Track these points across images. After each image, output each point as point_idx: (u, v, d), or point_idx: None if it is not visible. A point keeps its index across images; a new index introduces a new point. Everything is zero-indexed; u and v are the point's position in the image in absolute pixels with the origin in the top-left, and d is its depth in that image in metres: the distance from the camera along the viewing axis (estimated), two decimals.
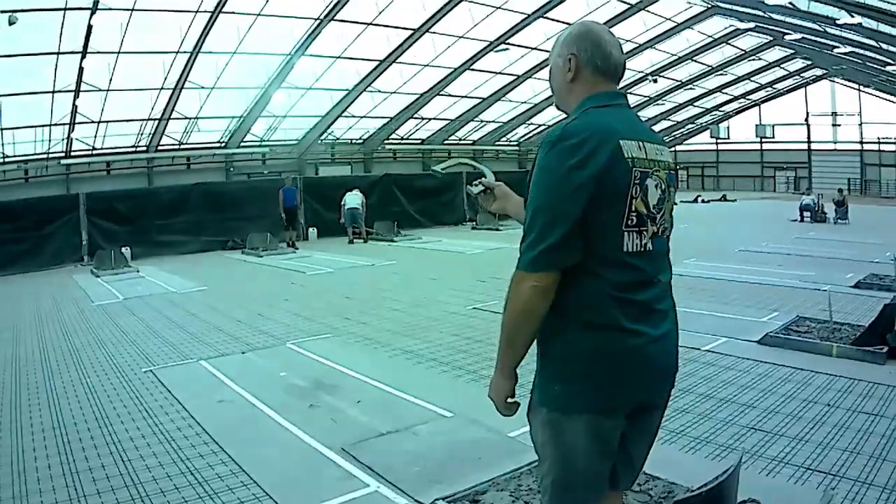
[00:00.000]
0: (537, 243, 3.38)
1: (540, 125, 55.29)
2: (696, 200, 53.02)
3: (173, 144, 38.53)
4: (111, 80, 30.42)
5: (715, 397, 9.15)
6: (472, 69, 41.13)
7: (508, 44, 39.42)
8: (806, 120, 63.49)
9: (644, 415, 3.73)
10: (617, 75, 3.79)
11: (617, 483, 3.88)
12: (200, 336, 14.33)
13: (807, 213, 36.13)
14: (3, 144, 32.05)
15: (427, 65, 39.38)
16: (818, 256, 21.89)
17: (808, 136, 64.07)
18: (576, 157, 3.36)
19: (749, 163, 68.85)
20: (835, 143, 62.92)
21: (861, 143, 60.91)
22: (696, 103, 61.20)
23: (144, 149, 37.39)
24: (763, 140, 66.45)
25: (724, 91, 59.61)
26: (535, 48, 40.96)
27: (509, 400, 3.70)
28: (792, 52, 50.71)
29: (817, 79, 60.35)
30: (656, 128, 60.60)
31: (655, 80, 50.28)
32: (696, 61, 50.02)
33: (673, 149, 69.94)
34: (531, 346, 3.62)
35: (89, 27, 25.98)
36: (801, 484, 6.58)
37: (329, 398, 9.79)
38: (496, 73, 43.11)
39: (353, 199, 33.44)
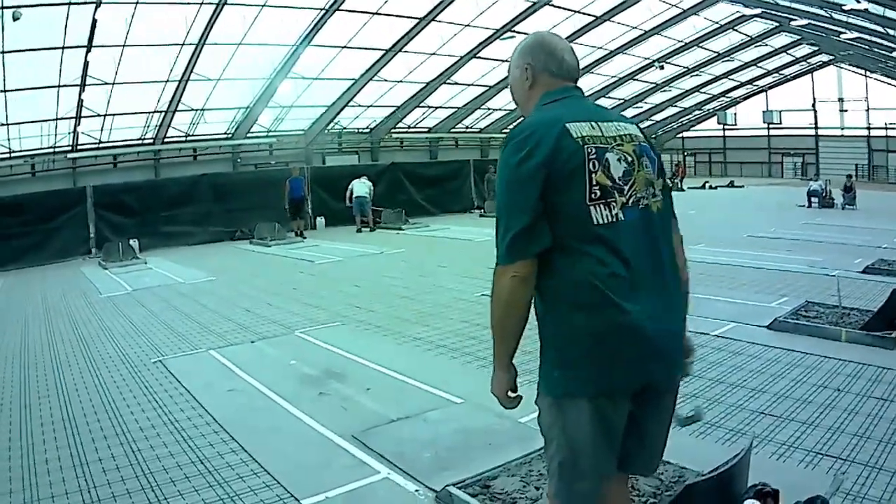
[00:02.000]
0: (506, 235, 3.57)
1: None
2: (703, 186, 53.03)
3: (180, 136, 38.53)
4: (117, 73, 30.41)
5: (725, 382, 9.17)
6: (479, 57, 41.02)
7: (514, 31, 39.24)
8: (813, 106, 63.33)
9: (653, 396, 3.81)
10: (571, 77, 4.07)
11: (628, 465, 4.01)
12: (209, 326, 14.38)
13: (814, 199, 36.11)
14: (9, 139, 32.11)
15: (433, 53, 39.31)
16: (826, 242, 21.88)
17: (816, 122, 63.79)
18: (523, 151, 3.59)
19: (756, 149, 68.48)
20: (842, 128, 62.72)
21: (868, 128, 60.71)
22: (702, 90, 60.96)
23: (151, 141, 37.38)
24: (770, 126, 66.22)
25: (730, 77, 59.37)
26: None
27: (511, 394, 3.85)
28: (798, 37, 50.53)
29: (824, 65, 60.12)
30: (663, 114, 61.13)
31: (662, 67, 50.17)
32: (702, 48, 49.78)
33: (680, 135, 70.16)
34: (522, 336, 3.74)
35: (94, 21, 25.99)
36: (812, 468, 6.59)
37: (339, 386, 9.82)
38: (502, 61, 42.72)
39: (361, 187, 33.53)
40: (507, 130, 53.63)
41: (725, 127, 69.01)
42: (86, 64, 28.40)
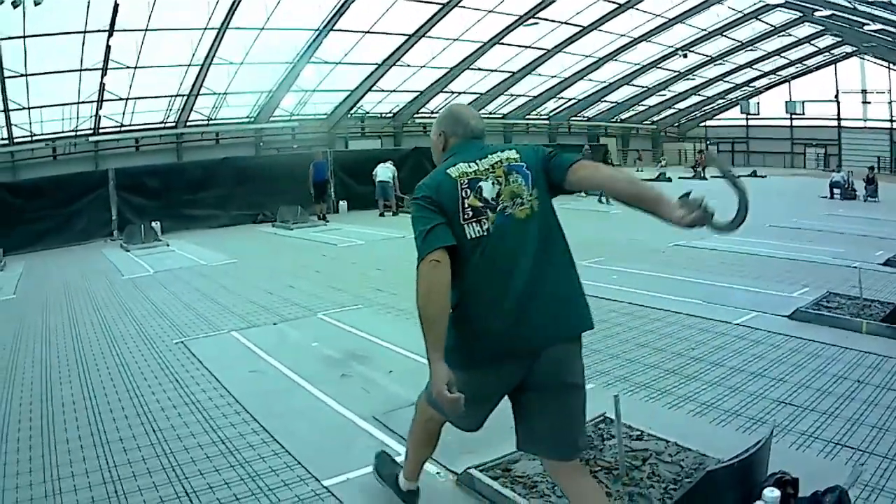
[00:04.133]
0: (419, 239, 4.51)
1: (570, 99, 55.14)
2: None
3: (202, 120, 38.65)
4: (139, 57, 30.53)
5: (746, 371, 9.16)
6: (502, 43, 40.96)
7: (538, 18, 39.25)
8: (836, 97, 62.86)
9: (534, 389, 4.68)
10: (477, 137, 5.04)
11: (528, 444, 4.96)
12: (231, 307, 14.44)
13: (837, 190, 35.94)
14: (30, 123, 32.23)
15: (456, 39, 39.27)
16: (848, 233, 21.75)
17: (838, 114, 63.23)
18: (420, 193, 4.67)
19: (779, 139, 68.04)
20: (864, 120, 62.26)
21: (891, 120, 60.10)
22: (725, 79, 60.77)
23: (173, 125, 37.50)
24: (793, 116, 65.83)
25: (753, 67, 59.06)
26: (565, 22, 40.79)
27: (450, 395, 4.24)
28: (822, 28, 50.01)
29: (847, 56, 59.56)
30: (686, 102, 61.11)
31: (685, 55, 50.08)
32: (725, 36, 49.55)
33: (703, 124, 70.24)
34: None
35: (116, 5, 26.05)
36: (831, 459, 6.58)
37: (361, 368, 9.86)
38: (526, 47, 42.95)
39: (385, 171, 33.59)
40: (530, 117, 53.65)
41: (748, 116, 68.62)
42: (108, 48, 28.47)
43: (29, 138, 32.52)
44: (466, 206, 4.54)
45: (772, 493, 4.66)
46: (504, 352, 4.54)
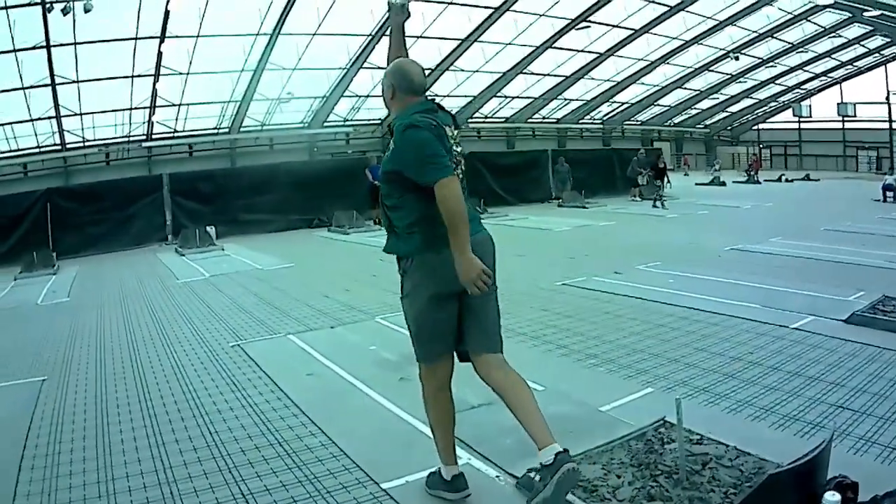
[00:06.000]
0: (443, 160, 5.51)
1: (623, 103, 55.16)
2: (779, 179, 52.67)
3: (255, 126, 38.83)
4: (191, 63, 30.83)
5: (803, 375, 9.05)
6: (554, 47, 41.04)
7: (590, 21, 39.24)
8: (887, 98, 62.24)
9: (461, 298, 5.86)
10: (421, 91, 6.03)
11: (461, 353, 6.24)
12: (288, 311, 14.49)
13: (889, 193, 35.65)
14: (82, 129, 32.57)
15: (509, 43, 39.42)
16: None
17: (889, 115, 62.51)
18: (432, 127, 5.63)
19: (831, 142, 67.47)
20: None
21: None
22: (777, 81, 60.48)
23: (227, 130, 37.73)
24: (845, 119, 65.21)
25: (805, 69, 58.75)
26: (617, 25, 40.82)
27: (484, 267, 5.51)
28: (871, 28, 49.63)
29: None
30: (738, 105, 61.37)
31: (737, 58, 49.92)
32: (776, 38, 49.44)
33: (756, 127, 70.20)
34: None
35: (167, 12, 26.38)
36: (889, 464, 6.53)
37: None
38: (578, 50, 42.99)
39: None
40: (584, 121, 53.67)
41: (801, 119, 68.12)
42: (159, 54, 28.77)
43: (81, 143, 32.84)
44: (453, 157, 5.73)
45: (833, 496, 4.63)
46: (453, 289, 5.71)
